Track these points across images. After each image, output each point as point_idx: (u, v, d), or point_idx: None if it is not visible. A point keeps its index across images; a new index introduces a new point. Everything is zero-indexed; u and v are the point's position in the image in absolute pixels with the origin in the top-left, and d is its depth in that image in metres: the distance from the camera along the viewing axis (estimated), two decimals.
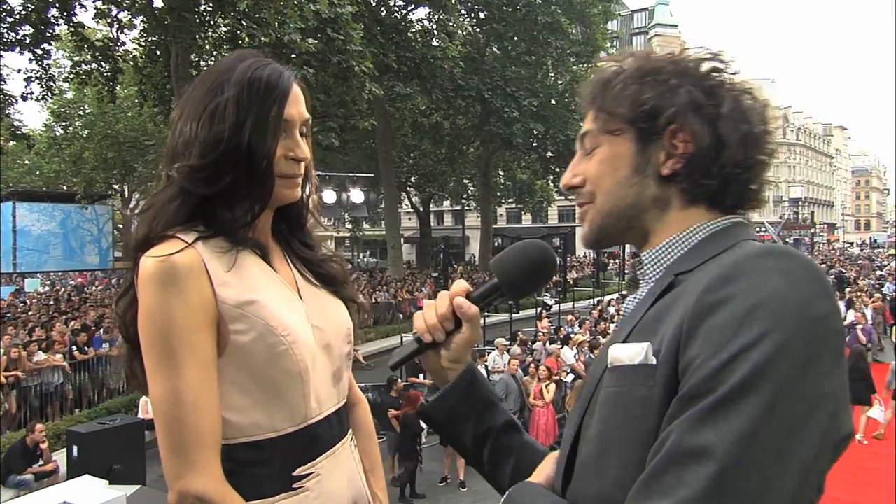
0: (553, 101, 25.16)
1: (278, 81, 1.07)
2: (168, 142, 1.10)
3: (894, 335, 12.65)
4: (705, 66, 0.85)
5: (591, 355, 10.92)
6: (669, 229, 0.85)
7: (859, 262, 38.09)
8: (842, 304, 13.10)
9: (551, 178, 29.56)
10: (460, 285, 1.00)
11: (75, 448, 6.82)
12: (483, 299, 0.98)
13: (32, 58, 14.79)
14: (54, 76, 16.12)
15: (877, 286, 21.92)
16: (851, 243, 69.63)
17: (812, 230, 54.23)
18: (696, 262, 0.79)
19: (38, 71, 15.30)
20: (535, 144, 26.39)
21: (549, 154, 27.05)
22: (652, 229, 0.87)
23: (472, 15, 25.00)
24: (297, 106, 1.10)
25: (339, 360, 1.19)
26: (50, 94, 16.32)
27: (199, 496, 0.97)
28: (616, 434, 0.76)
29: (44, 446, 7.93)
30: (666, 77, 0.84)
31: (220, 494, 0.98)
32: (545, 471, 0.90)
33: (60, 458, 8.01)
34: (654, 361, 0.73)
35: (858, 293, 17.23)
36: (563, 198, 33.63)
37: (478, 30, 25.00)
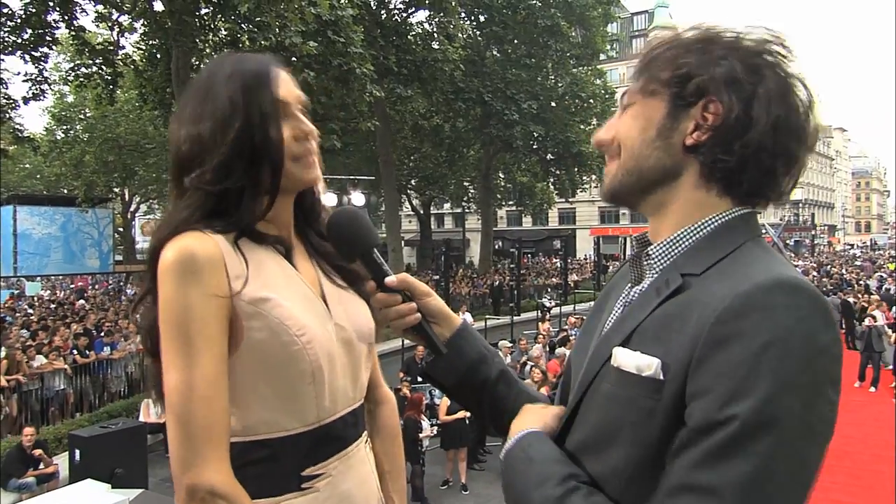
0: (553, 104, 25.18)
1: (264, 68, 1.09)
2: (172, 154, 1.10)
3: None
4: (761, 45, 0.83)
5: None
6: (680, 211, 0.85)
7: (857, 262, 38.16)
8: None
9: (552, 180, 29.56)
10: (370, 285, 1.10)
11: (77, 452, 6.80)
12: (370, 271, 1.09)
13: (30, 60, 14.79)
14: (48, 79, 16.04)
15: (878, 287, 22.01)
16: (852, 245, 69.56)
17: (812, 232, 54.26)
18: (704, 265, 0.79)
19: (35, 74, 15.31)
20: (535, 147, 26.39)
21: (550, 156, 27.06)
22: (664, 203, 0.87)
23: (472, 18, 25.02)
24: (288, 86, 1.11)
25: (358, 360, 1.18)
26: (43, 96, 16.31)
27: (210, 489, 0.95)
28: (618, 433, 0.79)
29: (37, 452, 7.93)
30: (715, 47, 0.82)
31: (231, 486, 0.97)
32: (549, 423, 0.92)
33: (62, 461, 8.01)
34: (662, 377, 0.75)
35: (860, 295, 17.37)
36: (563, 200, 33.62)
37: (478, 33, 25.00)
